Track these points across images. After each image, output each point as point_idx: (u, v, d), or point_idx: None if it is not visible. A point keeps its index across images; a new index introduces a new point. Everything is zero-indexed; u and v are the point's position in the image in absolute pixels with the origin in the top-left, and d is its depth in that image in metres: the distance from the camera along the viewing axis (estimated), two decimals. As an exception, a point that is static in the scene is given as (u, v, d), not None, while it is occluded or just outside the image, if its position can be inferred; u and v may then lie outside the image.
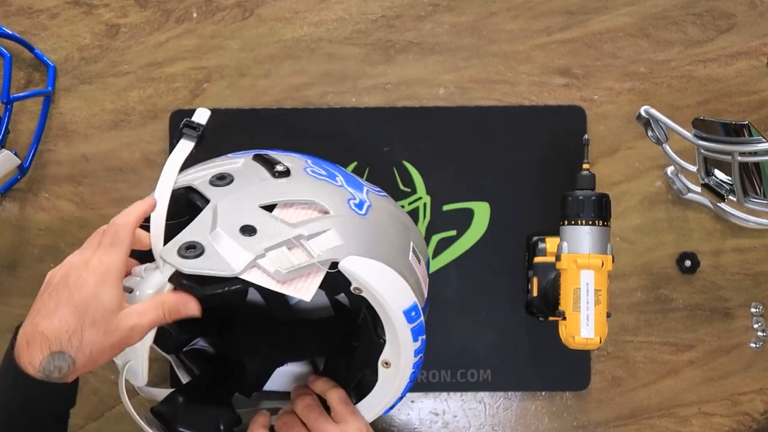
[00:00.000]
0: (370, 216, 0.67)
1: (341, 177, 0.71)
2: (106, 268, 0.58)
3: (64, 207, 0.88)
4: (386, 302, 0.62)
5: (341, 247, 0.61)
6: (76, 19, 0.89)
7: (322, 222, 0.62)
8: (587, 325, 0.72)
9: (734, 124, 0.68)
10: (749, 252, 0.88)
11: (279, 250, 0.59)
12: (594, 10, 0.89)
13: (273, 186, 0.65)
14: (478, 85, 0.88)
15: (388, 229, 0.69)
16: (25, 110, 0.88)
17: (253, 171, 0.67)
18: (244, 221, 0.60)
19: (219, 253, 0.58)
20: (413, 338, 0.64)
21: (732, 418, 0.88)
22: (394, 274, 0.63)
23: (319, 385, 0.74)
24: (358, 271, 0.60)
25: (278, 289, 0.58)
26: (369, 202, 0.69)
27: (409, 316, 0.63)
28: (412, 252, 0.70)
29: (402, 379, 0.67)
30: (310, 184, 0.67)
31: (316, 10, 0.89)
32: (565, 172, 0.77)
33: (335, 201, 0.65)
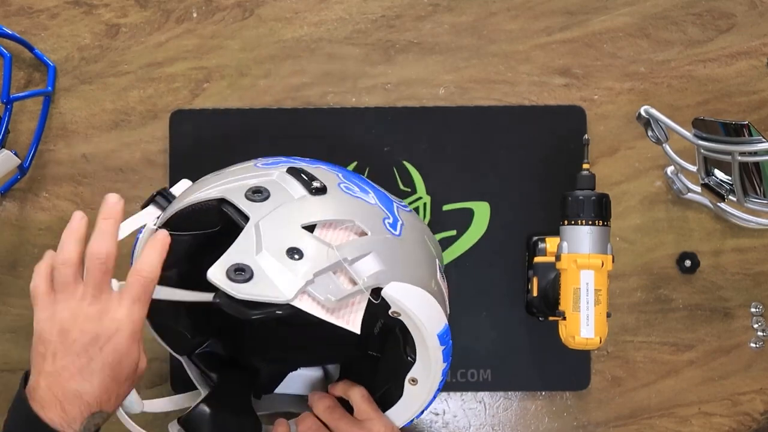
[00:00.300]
0: (404, 236, 0.67)
1: (373, 194, 0.70)
2: (136, 327, 0.59)
3: (64, 207, 0.88)
4: (424, 327, 0.63)
5: (383, 272, 0.61)
6: (76, 19, 0.89)
7: (362, 244, 0.62)
8: (587, 325, 0.72)
9: (734, 124, 0.68)
10: (749, 252, 0.88)
11: (327, 275, 0.59)
12: (594, 10, 0.89)
13: (312, 204, 0.64)
14: (478, 85, 0.88)
15: (420, 249, 0.69)
16: (25, 110, 0.88)
17: (288, 186, 0.65)
18: (289, 243, 0.59)
19: (268, 276, 0.57)
20: (444, 359, 0.65)
21: (732, 418, 0.88)
22: (432, 300, 0.64)
23: (340, 387, 0.74)
24: (400, 298, 0.61)
25: (327, 318, 0.58)
26: (401, 220, 0.68)
27: (442, 338, 0.64)
28: (438, 270, 0.71)
29: (428, 395, 0.68)
30: (347, 203, 0.66)
31: (316, 10, 0.89)
32: (565, 172, 0.77)
33: (372, 221, 0.65)
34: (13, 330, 0.87)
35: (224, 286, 0.56)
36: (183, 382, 0.82)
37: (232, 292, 0.56)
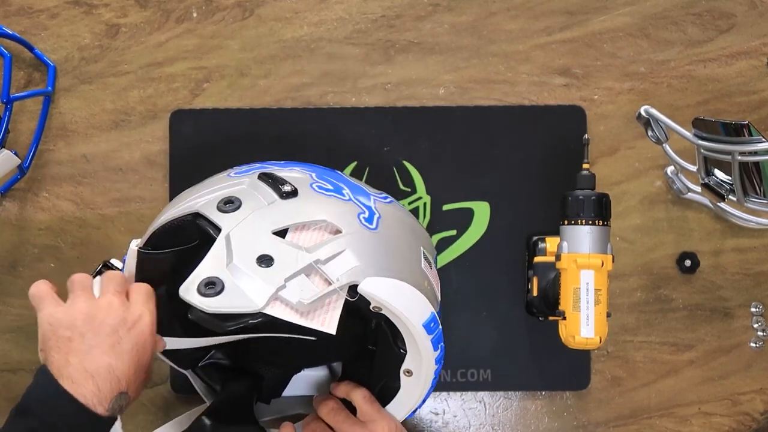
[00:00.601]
0: (381, 229, 0.66)
1: (347, 189, 0.70)
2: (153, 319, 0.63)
3: (64, 207, 0.88)
4: (407, 319, 0.62)
5: (358, 268, 0.61)
6: (76, 19, 0.89)
7: (336, 243, 0.62)
8: (587, 324, 0.72)
9: (734, 124, 0.68)
10: (749, 252, 0.88)
11: (298, 279, 0.59)
12: (594, 10, 0.89)
13: (283, 208, 0.64)
14: (478, 85, 0.88)
15: (400, 240, 0.69)
16: (25, 110, 0.88)
17: (259, 192, 0.65)
18: (259, 251, 0.59)
19: (239, 287, 0.57)
20: (434, 347, 0.65)
21: (732, 418, 0.88)
22: (412, 290, 0.63)
23: (342, 389, 0.74)
24: (377, 293, 0.61)
25: (301, 322, 0.58)
26: (378, 213, 0.68)
27: (429, 327, 0.64)
28: (423, 258, 0.70)
29: (424, 385, 0.68)
30: (319, 202, 0.66)
31: (316, 10, 0.89)
32: (565, 172, 0.77)
33: (346, 218, 0.65)
34: (13, 330, 0.87)
35: (195, 301, 0.57)
36: (183, 382, 0.83)
37: (202, 307, 0.56)
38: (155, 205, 0.88)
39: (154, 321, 0.63)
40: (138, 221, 0.87)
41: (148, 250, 0.67)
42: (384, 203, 0.72)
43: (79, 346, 0.59)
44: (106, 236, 0.88)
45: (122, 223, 0.88)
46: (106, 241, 0.87)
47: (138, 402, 0.86)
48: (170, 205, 0.70)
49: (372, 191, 0.74)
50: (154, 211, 0.86)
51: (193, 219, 0.64)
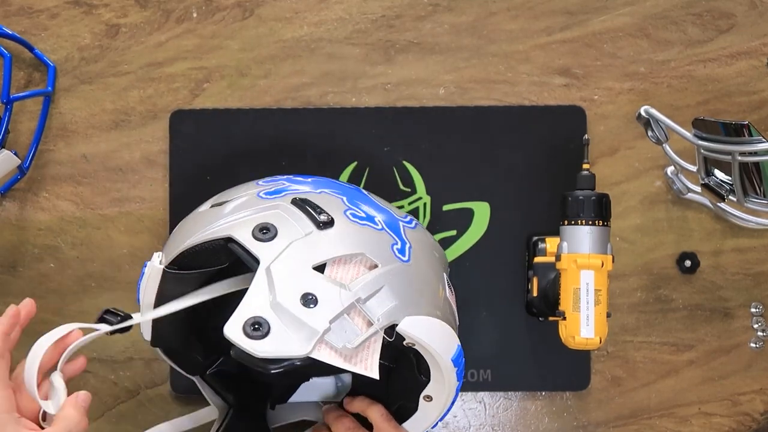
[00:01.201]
0: (413, 260, 0.66)
1: (379, 216, 0.69)
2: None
3: (64, 207, 0.88)
4: (438, 355, 0.63)
5: (396, 307, 0.61)
6: (76, 19, 0.89)
7: (374, 279, 0.61)
8: (587, 325, 0.72)
9: (734, 124, 0.68)
10: (749, 252, 0.88)
11: (341, 320, 0.58)
12: (594, 10, 0.89)
13: (320, 240, 0.62)
14: (478, 85, 0.88)
15: (429, 271, 0.69)
16: (25, 110, 0.88)
17: (295, 220, 0.64)
18: (303, 288, 0.58)
19: (285, 330, 0.56)
20: (458, 379, 0.66)
21: (732, 418, 0.88)
22: (444, 326, 0.64)
23: (357, 405, 0.74)
24: (416, 333, 0.61)
25: (346, 367, 0.58)
26: (408, 243, 0.68)
27: (456, 361, 0.64)
28: (447, 285, 0.71)
29: (442, 410, 0.68)
30: (355, 233, 0.65)
31: (316, 10, 0.89)
32: (565, 172, 0.77)
33: (381, 250, 0.64)
34: (13, 330, 0.87)
35: (243, 344, 0.55)
36: (183, 383, 0.83)
37: (252, 351, 0.55)
38: (155, 205, 0.88)
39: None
40: (138, 221, 0.87)
41: (175, 270, 0.66)
42: (411, 229, 0.71)
43: None
44: (106, 236, 0.88)
45: (122, 223, 0.88)
46: (106, 241, 0.87)
47: (138, 402, 0.87)
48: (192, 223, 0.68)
49: (398, 215, 0.73)
50: (154, 211, 0.87)
51: (226, 243, 0.62)
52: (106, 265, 0.87)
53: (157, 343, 0.72)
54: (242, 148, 0.86)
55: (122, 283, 0.87)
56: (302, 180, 0.72)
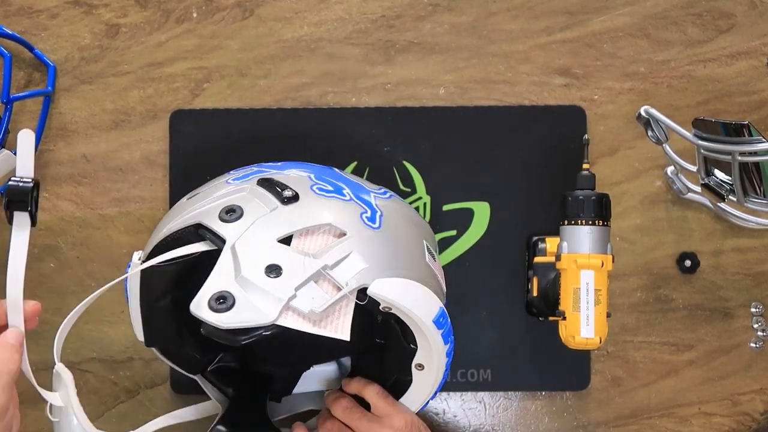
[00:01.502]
0: (384, 227, 0.66)
1: (347, 189, 0.70)
2: None
3: (64, 207, 0.88)
4: (417, 317, 0.63)
5: (366, 270, 0.61)
6: (76, 19, 0.89)
7: (341, 246, 0.62)
8: (587, 325, 0.72)
9: (734, 124, 0.68)
10: (749, 252, 0.88)
11: (308, 286, 0.59)
12: (594, 10, 0.89)
13: (285, 214, 0.64)
14: (478, 85, 0.88)
15: (403, 236, 0.69)
16: (25, 110, 0.88)
17: (260, 199, 0.65)
18: (267, 261, 0.59)
19: (250, 300, 0.57)
20: (444, 341, 0.66)
21: (732, 418, 0.88)
22: (419, 287, 0.64)
23: (354, 386, 0.74)
24: (387, 294, 0.61)
25: (315, 331, 0.58)
26: (380, 211, 0.68)
27: (438, 322, 0.64)
28: (427, 252, 0.70)
29: (436, 378, 0.68)
30: (321, 205, 0.66)
31: (316, 10, 0.89)
32: (565, 172, 0.77)
33: (349, 219, 0.65)
34: (13, 330, 0.87)
35: (208, 317, 0.56)
36: (183, 382, 0.83)
37: (216, 323, 0.56)
38: (155, 205, 0.88)
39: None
40: (138, 221, 0.87)
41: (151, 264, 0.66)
42: (384, 199, 0.72)
43: None
44: (106, 236, 0.88)
45: (122, 223, 0.88)
46: (106, 241, 0.87)
47: (138, 402, 0.87)
48: (169, 215, 0.70)
49: (371, 187, 0.74)
50: (154, 211, 0.87)
51: (195, 230, 0.64)
52: (106, 265, 0.87)
53: (152, 343, 0.72)
54: (242, 148, 0.86)
55: (122, 283, 0.87)
56: (272, 165, 0.73)
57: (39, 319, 0.86)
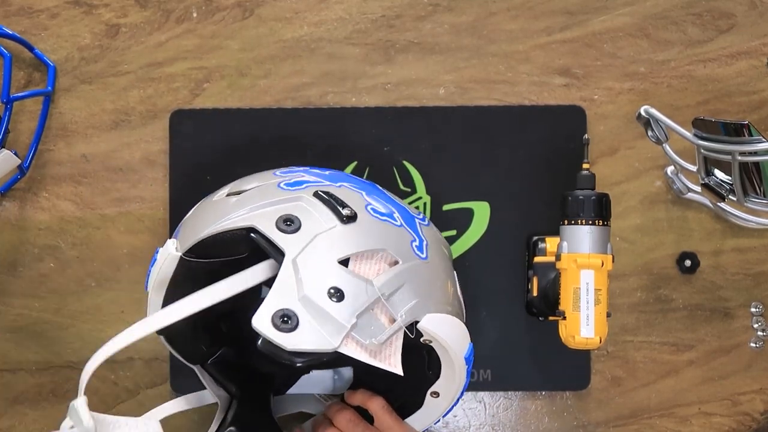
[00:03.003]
0: (430, 258, 0.67)
1: (397, 213, 0.69)
2: None
3: (64, 207, 0.88)
4: (454, 353, 0.63)
5: (418, 304, 0.61)
6: (76, 19, 0.89)
7: (396, 276, 0.61)
8: (587, 324, 0.72)
9: (734, 124, 0.68)
10: (749, 252, 0.88)
11: (367, 315, 0.58)
12: (594, 10, 0.89)
13: (345, 235, 0.62)
14: (478, 85, 0.88)
15: (444, 268, 0.69)
16: (25, 110, 0.88)
17: (318, 213, 0.63)
18: (329, 283, 0.58)
19: (314, 324, 0.56)
20: (467, 376, 0.67)
21: (732, 418, 0.88)
22: (460, 324, 0.65)
23: (358, 397, 0.74)
24: (437, 330, 0.61)
25: (372, 362, 0.58)
26: (426, 240, 0.68)
27: (468, 359, 0.65)
28: (456, 281, 0.71)
29: (447, 406, 0.69)
30: (377, 229, 0.65)
31: (316, 10, 0.89)
32: (565, 172, 0.77)
33: (402, 247, 0.64)
34: (13, 330, 0.87)
35: (272, 336, 0.55)
36: (183, 382, 0.83)
37: (282, 344, 0.55)
38: (155, 205, 0.88)
39: None
40: (138, 221, 0.87)
41: (193, 258, 0.65)
42: (425, 226, 0.72)
43: None
44: (106, 236, 0.88)
45: (122, 223, 0.88)
46: (106, 241, 0.87)
47: (138, 402, 0.87)
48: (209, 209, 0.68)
49: (412, 212, 0.73)
50: (154, 211, 0.87)
51: (247, 233, 0.62)
52: (106, 265, 0.87)
53: (164, 331, 0.71)
54: (242, 148, 0.86)
55: (122, 283, 0.87)
56: (320, 172, 0.72)
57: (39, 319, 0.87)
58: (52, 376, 0.87)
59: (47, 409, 0.87)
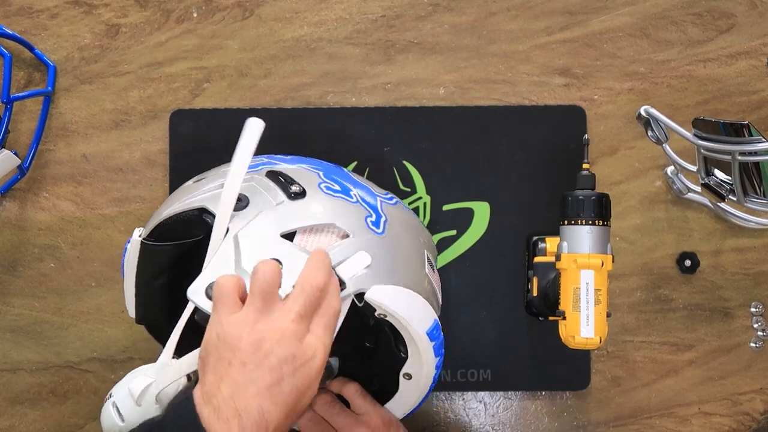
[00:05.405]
0: (388, 233, 0.66)
1: (355, 190, 0.69)
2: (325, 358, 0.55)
3: (64, 207, 0.88)
4: (411, 327, 0.63)
5: (366, 274, 0.61)
6: (76, 19, 0.89)
7: (344, 248, 0.62)
8: (587, 324, 0.71)
9: (734, 124, 0.68)
10: (749, 252, 0.88)
11: None
12: (594, 10, 0.89)
13: (291, 210, 0.63)
14: (478, 85, 0.88)
15: (405, 244, 0.69)
16: (25, 110, 0.88)
17: (267, 191, 0.65)
18: (268, 254, 0.59)
19: None
20: (435, 354, 0.65)
21: (732, 418, 0.88)
22: (417, 297, 0.64)
23: (335, 384, 0.74)
24: (384, 301, 0.61)
25: None
26: (384, 216, 0.68)
27: (432, 335, 0.64)
28: (427, 262, 0.71)
29: (423, 389, 0.68)
30: (327, 204, 0.65)
31: (316, 10, 0.89)
32: (565, 172, 0.77)
33: (354, 222, 0.64)
34: (13, 330, 0.87)
35: (204, 305, 0.56)
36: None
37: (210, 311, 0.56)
38: (155, 205, 0.87)
39: (326, 359, 0.55)
40: (138, 221, 0.87)
41: (152, 242, 0.67)
42: (390, 205, 0.72)
43: (237, 376, 0.52)
44: (106, 236, 0.88)
45: (122, 223, 0.88)
46: (106, 241, 0.87)
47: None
48: (174, 196, 0.70)
49: (378, 191, 0.73)
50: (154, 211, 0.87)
51: (199, 214, 0.64)
52: (106, 265, 0.87)
53: (143, 320, 0.72)
54: (242, 148, 0.86)
55: (122, 283, 0.87)
56: (282, 157, 0.73)
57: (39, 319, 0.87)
58: (52, 376, 0.87)
59: (47, 409, 0.87)
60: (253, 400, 0.51)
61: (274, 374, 0.52)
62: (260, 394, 0.51)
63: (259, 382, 0.52)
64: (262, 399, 0.51)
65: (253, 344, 0.52)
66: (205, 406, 0.51)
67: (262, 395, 0.51)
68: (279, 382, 0.52)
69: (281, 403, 0.52)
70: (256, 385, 0.52)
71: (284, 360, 0.52)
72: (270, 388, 0.52)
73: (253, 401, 0.51)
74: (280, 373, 0.52)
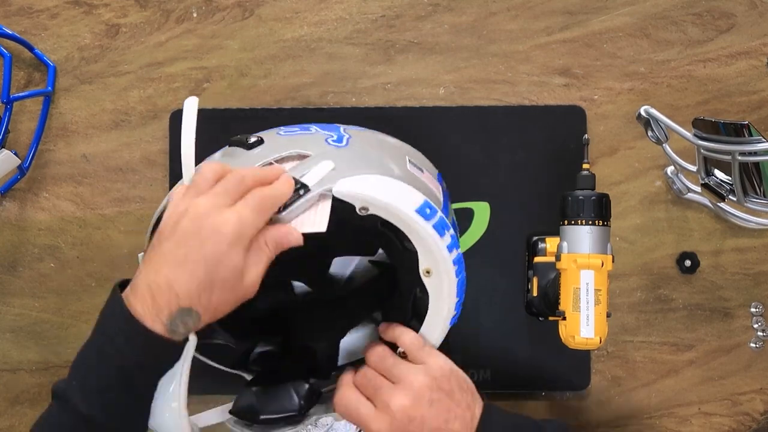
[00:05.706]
0: (353, 144, 0.67)
1: (317, 127, 0.72)
2: (244, 230, 0.56)
3: (64, 207, 0.88)
4: (395, 208, 0.59)
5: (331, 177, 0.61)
6: (76, 19, 0.89)
7: (305, 163, 0.63)
8: (587, 324, 0.71)
9: (734, 124, 0.68)
10: (749, 252, 0.88)
11: None
12: (594, 10, 0.89)
13: (249, 156, 0.66)
14: (478, 85, 0.88)
15: (375, 150, 0.69)
16: (25, 110, 0.88)
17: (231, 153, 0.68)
18: None
19: None
20: (439, 233, 0.61)
21: (732, 418, 0.88)
22: (391, 180, 0.62)
23: (389, 333, 0.69)
24: (352, 189, 0.59)
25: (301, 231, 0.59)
26: (347, 135, 0.69)
27: (424, 213, 0.61)
28: (409, 163, 0.69)
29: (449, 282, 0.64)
30: (285, 141, 0.68)
31: (316, 10, 0.89)
32: (565, 172, 0.77)
33: (314, 145, 0.66)
34: (13, 330, 0.87)
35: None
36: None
37: None
38: (155, 205, 0.86)
39: (244, 232, 0.56)
40: (138, 221, 0.87)
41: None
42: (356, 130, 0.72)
43: (154, 255, 0.55)
44: (106, 236, 0.88)
45: (122, 223, 0.88)
46: (106, 241, 0.88)
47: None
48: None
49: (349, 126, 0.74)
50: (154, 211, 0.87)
51: None
52: (106, 265, 0.87)
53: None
54: (242, 148, 0.86)
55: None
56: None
57: (39, 319, 0.87)
58: (52, 376, 0.87)
59: (47, 409, 0.87)
60: (160, 273, 0.54)
61: (180, 247, 0.55)
62: (167, 264, 0.55)
63: (168, 256, 0.55)
64: (169, 270, 0.54)
65: (170, 225, 0.56)
66: (130, 290, 0.56)
67: (169, 267, 0.54)
68: (186, 254, 0.54)
69: (189, 271, 0.54)
70: (165, 259, 0.55)
71: (191, 233, 0.55)
72: (176, 260, 0.54)
73: (160, 274, 0.54)
74: (186, 246, 0.55)
